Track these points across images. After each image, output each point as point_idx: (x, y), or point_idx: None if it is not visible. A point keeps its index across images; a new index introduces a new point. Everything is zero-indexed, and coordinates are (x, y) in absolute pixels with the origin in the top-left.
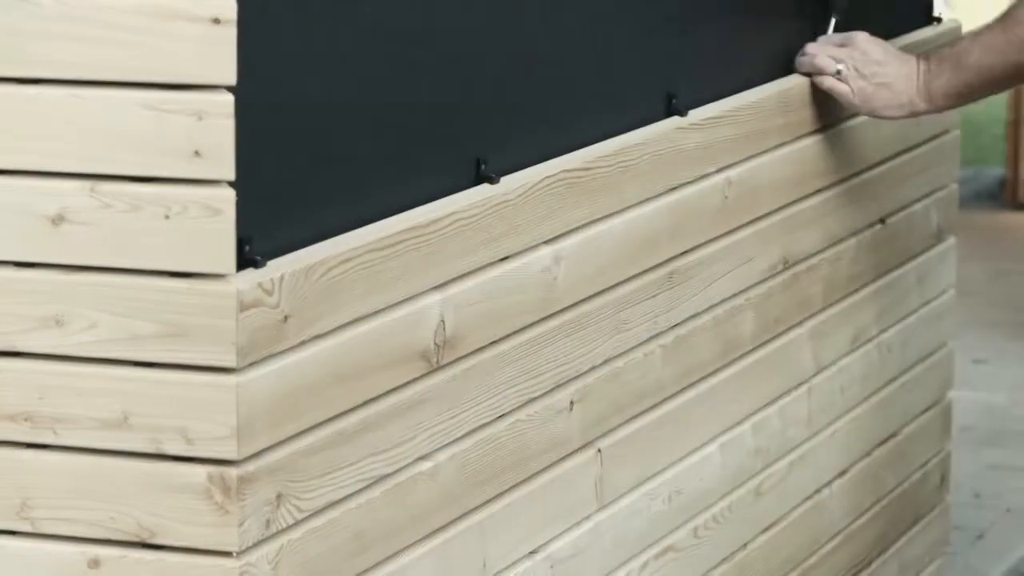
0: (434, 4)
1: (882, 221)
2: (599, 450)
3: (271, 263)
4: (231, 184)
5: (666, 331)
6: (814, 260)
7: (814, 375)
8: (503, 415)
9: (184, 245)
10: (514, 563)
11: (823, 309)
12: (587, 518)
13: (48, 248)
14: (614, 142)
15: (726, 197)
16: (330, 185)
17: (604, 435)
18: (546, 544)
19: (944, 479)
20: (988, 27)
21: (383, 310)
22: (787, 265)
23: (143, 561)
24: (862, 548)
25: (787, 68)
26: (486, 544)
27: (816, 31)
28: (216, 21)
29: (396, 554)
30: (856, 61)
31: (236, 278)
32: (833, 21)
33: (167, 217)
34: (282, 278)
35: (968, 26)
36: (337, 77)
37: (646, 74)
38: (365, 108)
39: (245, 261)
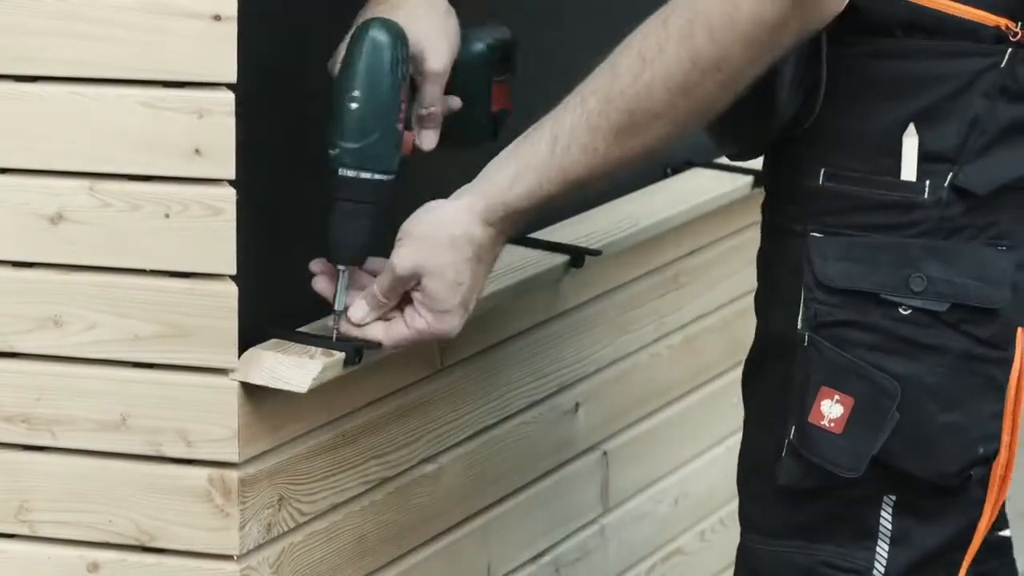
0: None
1: None
2: (605, 452)
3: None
4: (231, 183)
5: (673, 332)
6: None
7: None
8: (507, 417)
9: (184, 245)
10: (519, 567)
11: None
12: (593, 521)
13: (47, 248)
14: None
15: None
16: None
17: (610, 437)
18: (551, 548)
19: None
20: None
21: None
22: None
23: (142, 565)
24: None
25: None
26: (491, 548)
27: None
28: (217, 18)
29: (399, 558)
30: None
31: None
32: None
33: (167, 216)
34: None
35: None
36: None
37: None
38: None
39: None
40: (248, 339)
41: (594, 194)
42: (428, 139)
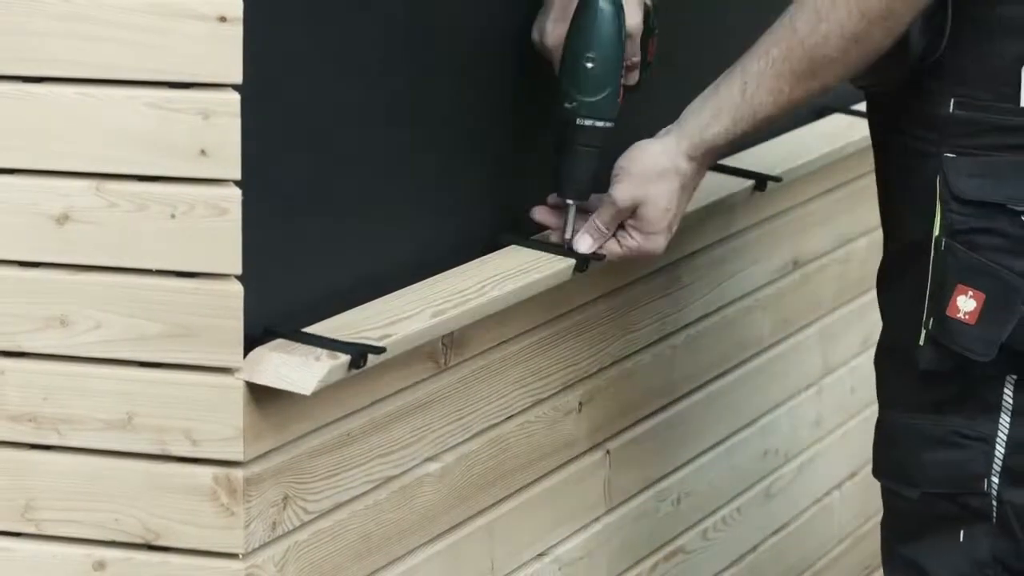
0: (454, 5)
1: None
2: (608, 451)
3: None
4: (237, 183)
5: (675, 332)
6: (824, 260)
7: (824, 376)
8: (511, 416)
9: (190, 245)
10: (522, 565)
11: (833, 309)
12: (596, 520)
13: (53, 248)
14: None
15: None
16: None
17: (613, 436)
18: (555, 546)
19: None
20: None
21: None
22: (797, 265)
23: (148, 563)
24: (872, 551)
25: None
26: (494, 546)
27: None
28: (222, 19)
29: (404, 556)
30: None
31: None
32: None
33: (173, 216)
34: None
35: None
36: (347, 75)
37: None
38: (374, 109)
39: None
40: (253, 339)
41: None
42: (632, 80)
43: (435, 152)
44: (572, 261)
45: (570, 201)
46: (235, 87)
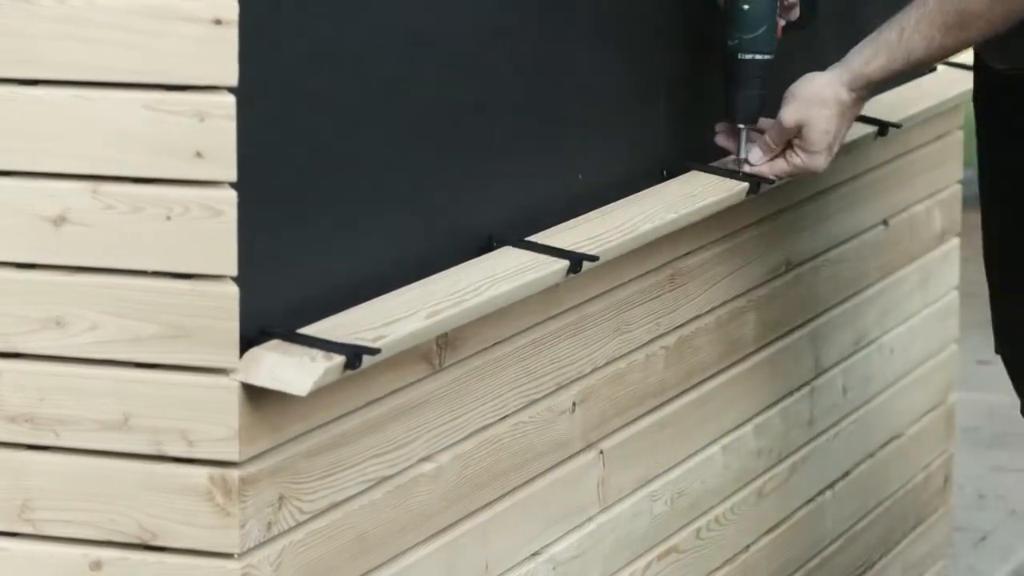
0: (447, 6)
1: (885, 222)
2: (601, 451)
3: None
4: (232, 185)
5: (668, 332)
6: (817, 261)
7: (816, 376)
8: (505, 416)
9: (186, 246)
10: (517, 565)
11: (826, 310)
12: (589, 519)
13: (49, 249)
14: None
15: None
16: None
17: (606, 436)
18: (548, 546)
19: (947, 481)
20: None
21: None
22: (790, 266)
23: (144, 563)
24: (865, 550)
25: None
26: (489, 546)
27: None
28: (217, 22)
29: (398, 556)
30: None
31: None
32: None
33: (168, 218)
34: None
35: None
36: (342, 77)
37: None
38: (372, 110)
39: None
40: (249, 340)
41: (591, 197)
42: (793, 16)
43: (431, 152)
44: (567, 262)
45: (741, 125)
46: (230, 89)
